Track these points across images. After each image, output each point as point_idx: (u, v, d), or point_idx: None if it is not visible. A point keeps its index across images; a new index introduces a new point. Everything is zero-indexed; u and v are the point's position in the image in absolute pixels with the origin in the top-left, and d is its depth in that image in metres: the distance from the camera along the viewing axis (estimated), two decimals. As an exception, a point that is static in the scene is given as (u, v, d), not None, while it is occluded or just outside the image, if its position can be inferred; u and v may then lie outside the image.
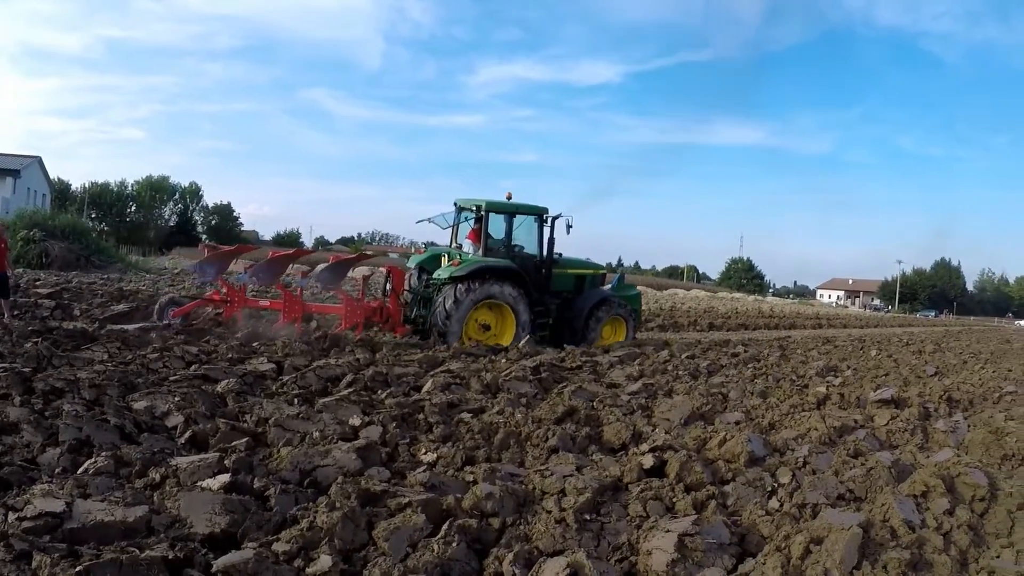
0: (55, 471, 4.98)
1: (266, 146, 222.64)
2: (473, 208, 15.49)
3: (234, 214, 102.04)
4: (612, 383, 10.68)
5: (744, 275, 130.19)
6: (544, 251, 15.75)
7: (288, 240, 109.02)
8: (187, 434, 6.06)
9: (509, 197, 15.75)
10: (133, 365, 8.61)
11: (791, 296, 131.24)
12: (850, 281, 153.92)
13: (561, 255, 16.27)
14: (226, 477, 4.76)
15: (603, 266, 18.43)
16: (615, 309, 16.50)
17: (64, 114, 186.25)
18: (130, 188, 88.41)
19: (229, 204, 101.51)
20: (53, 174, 72.55)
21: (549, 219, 15.64)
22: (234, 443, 5.82)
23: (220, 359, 9.67)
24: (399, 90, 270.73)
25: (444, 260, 14.98)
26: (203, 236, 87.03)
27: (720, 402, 9.65)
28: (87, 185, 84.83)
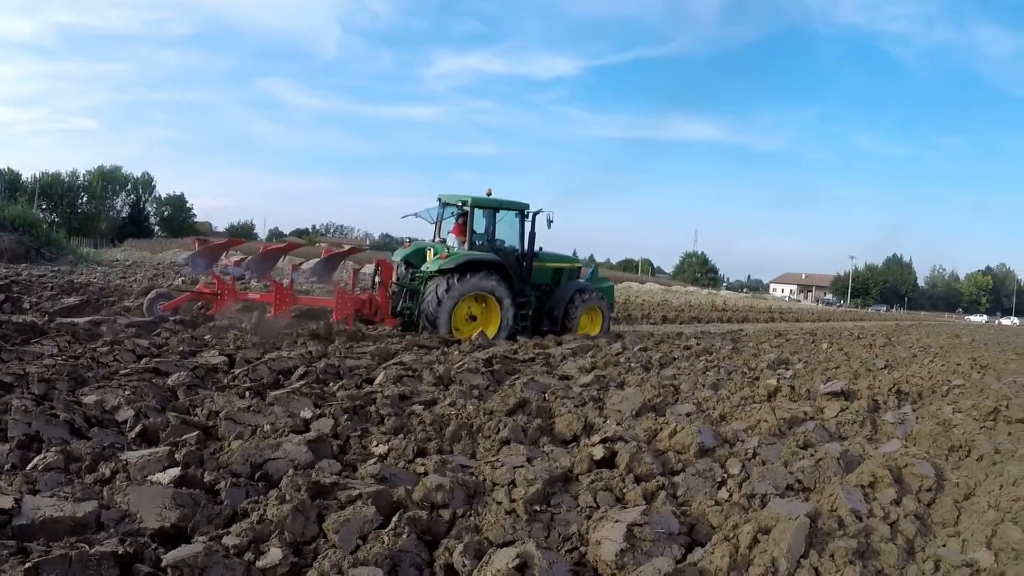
0: (3, 467, 4.90)
1: (220, 136, 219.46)
2: (459, 204, 15.97)
3: (187, 205, 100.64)
4: (564, 375, 10.77)
5: (698, 269, 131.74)
6: (525, 245, 16.48)
7: (242, 232, 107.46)
8: (137, 428, 5.98)
9: (489, 193, 16.15)
10: (83, 359, 8.47)
11: (745, 290, 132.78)
12: (803, 276, 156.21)
13: (542, 249, 16.94)
14: (176, 471, 4.72)
15: (579, 259, 19.70)
16: (593, 300, 17.35)
17: (14, 103, 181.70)
18: (82, 178, 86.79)
19: (182, 195, 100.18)
20: (2, 164, 71.32)
21: (530, 214, 16.36)
22: (185, 437, 5.77)
23: (171, 352, 9.55)
24: (356, 81, 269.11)
25: (429, 254, 15.45)
26: (155, 228, 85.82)
27: (672, 394, 9.77)
28: (38, 175, 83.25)
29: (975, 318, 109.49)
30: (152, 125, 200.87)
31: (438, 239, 16.46)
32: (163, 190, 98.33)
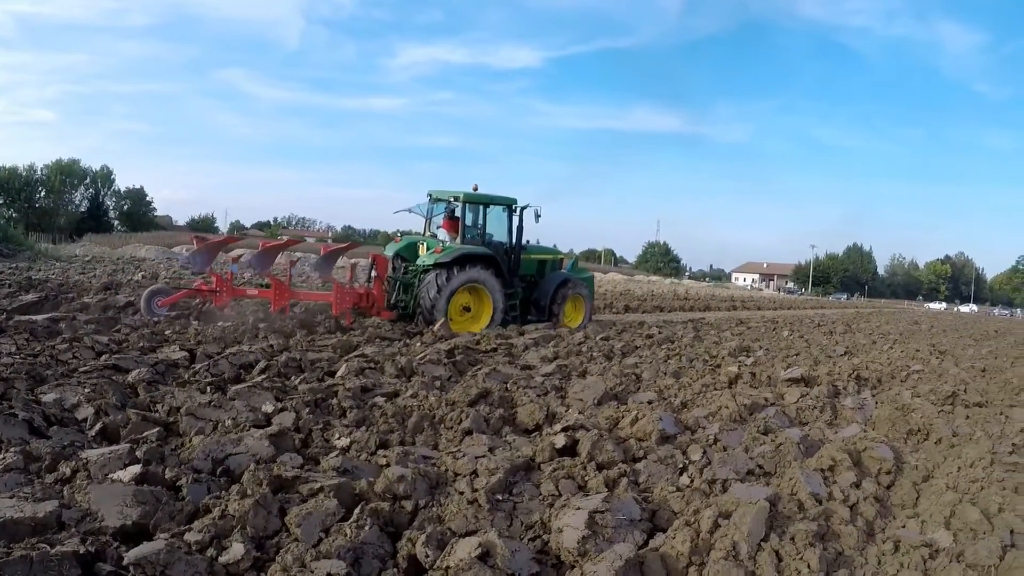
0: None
1: (181, 128, 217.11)
2: (450, 199, 16.54)
3: (147, 199, 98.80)
4: (526, 365, 10.83)
5: (661, 259, 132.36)
6: (513, 238, 17.11)
7: (203, 225, 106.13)
8: (98, 426, 5.93)
9: (476, 188, 16.58)
10: (42, 357, 8.36)
11: (707, 279, 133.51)
12: (765, 265, 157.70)
13: (528, 242, 17.66)
14: (137, 468, 4.70)
15: (562, 252, 20.30)
16: (577, 289, 18.11)
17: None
18: (39, 172, 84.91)
19: (142, 188, 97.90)
20: (-43, 158, 69.33)
21: (518, 209, 16.98)
22: (145, 434, 5.75)
23: (131, 348, 9.46)
24: (318, 71, 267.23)
25: (422, 249, 16.26)
26: (115, 222, 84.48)
27: (633, 382, 9.86)
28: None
29: (934, 306, 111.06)
30: (111, 117, 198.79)
31: (428, 233, 17.12)
32: (122, 183, 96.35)
